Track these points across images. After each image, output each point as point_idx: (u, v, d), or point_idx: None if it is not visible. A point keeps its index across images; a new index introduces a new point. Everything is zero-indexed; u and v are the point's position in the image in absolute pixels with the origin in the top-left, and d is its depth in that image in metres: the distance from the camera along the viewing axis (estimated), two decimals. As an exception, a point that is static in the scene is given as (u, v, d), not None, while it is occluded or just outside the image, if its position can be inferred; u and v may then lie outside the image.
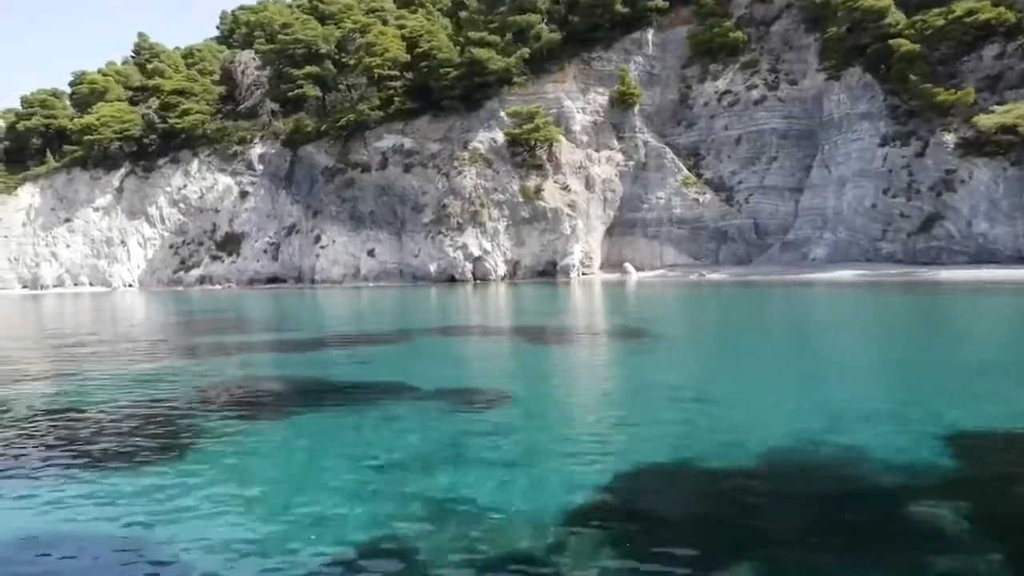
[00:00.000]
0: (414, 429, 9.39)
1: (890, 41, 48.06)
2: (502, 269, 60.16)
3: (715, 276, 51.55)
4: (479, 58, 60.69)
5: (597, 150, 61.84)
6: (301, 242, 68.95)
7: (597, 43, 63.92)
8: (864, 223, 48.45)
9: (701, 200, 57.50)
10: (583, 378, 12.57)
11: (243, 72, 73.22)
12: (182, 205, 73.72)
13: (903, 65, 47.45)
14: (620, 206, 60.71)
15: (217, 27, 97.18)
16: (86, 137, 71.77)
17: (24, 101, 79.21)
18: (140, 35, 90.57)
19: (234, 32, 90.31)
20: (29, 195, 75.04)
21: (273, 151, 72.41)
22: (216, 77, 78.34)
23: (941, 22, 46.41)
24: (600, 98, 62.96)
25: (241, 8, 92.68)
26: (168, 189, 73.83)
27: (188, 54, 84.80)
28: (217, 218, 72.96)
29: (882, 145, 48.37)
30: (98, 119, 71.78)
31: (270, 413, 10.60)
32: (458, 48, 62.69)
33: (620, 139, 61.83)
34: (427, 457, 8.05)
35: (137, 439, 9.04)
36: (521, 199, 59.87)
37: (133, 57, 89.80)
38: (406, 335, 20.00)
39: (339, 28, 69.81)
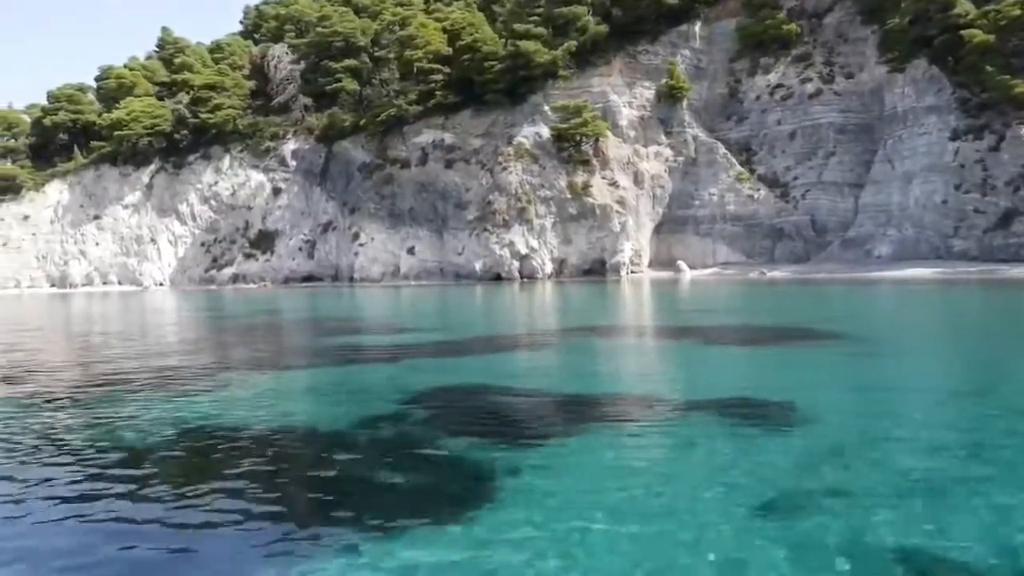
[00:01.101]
0: (743, 453, 7.88)
1: (961, 32, 46.63)
2: (549, 267, 58.74)
3: (776, 274, 50.16)
4: (525, 51, 59.26)
5: (645, 145, 60.40)
6: (338, 240, 67.50)
7: (643, 36, 62.56)
8: (934, 219, 47.01)
9: (755, 196, 56.07)
10: (848, 386, 11.12)
11: (276, 66, 71.71)
12: (213, 202, 72.25)
13: (976, 57, 46.03)
14: (669, 203, 59.29)
15: (241, 22, 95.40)
16: (116, 132, 70.30)
17: (50, 96, 77.68)
18: (164, 29, 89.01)
19: (259, 27, 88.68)
20: (57, 192, 73.55)
21: (307, 147, 70.98)
22: (246, 72, 76.89)
23: (1017, 12, 44.97)
24: (646, 92, 61.51)
25: (266, 2, 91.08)
26: (199, 186, 72.38)
27: (215, 48, 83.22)
28: (250, 215, 71.50)
29: (953, 139, 46.94)
30: (128, 114, 70.31)
31: (543, 433, 9.01)
32: (502, 41, 61.16)
33: (668, 134, 60.40)
34: (818, 491, 6.52)
35: (397, 482, 7.00)
36: (568, 195, 58.43)
37: (157, 52, 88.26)
38: (560, 334, 18.54)
39: (377, 21, 68.32)
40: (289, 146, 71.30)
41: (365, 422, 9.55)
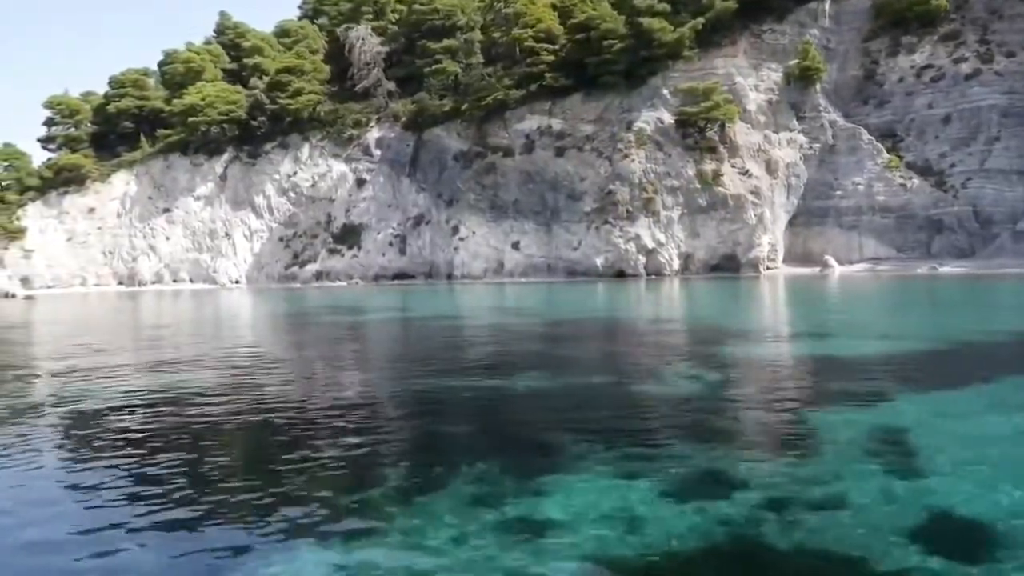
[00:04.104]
0: None
1: None
2: (676, 263, 54.16)
3: (949, 270, 45.51)
4: (648, 29, 54.65)
5: (775, 131, 55.84)
6: (433, 234, 62.75)
7: (768, 14, 57.99)
8: None
9: (908, 186, 51.50)
10: None
11: (361, 48, 66.93)
12: (292, 194, 67.52)
13: None
14: (804, 193, 54.76)
15: (300, 7, 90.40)
16: (190, 119, 65.48)
17: (114, 81, 72.85)
18: (222, 14, 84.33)
19: (320, 12, 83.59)
20: (123, 183, 68.70)
21: (392, 135, 66.32)
22: (320, 56, 72.15)
23: None
24: (773, 75, 56.98)
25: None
26: (276, 177, 67.62)
27: (281, 32, 78.55)
28: (331, 208, 66.78)
29: None
30: (202, 99, 65.53)
31: None
32: (621, 18, 56.47)
33: (800, 119, 55.85)
34: None
35: None
36: (698, 185, 53.84)
37: (215, 37, 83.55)
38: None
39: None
40: (373, 134, 66.62)
41: None
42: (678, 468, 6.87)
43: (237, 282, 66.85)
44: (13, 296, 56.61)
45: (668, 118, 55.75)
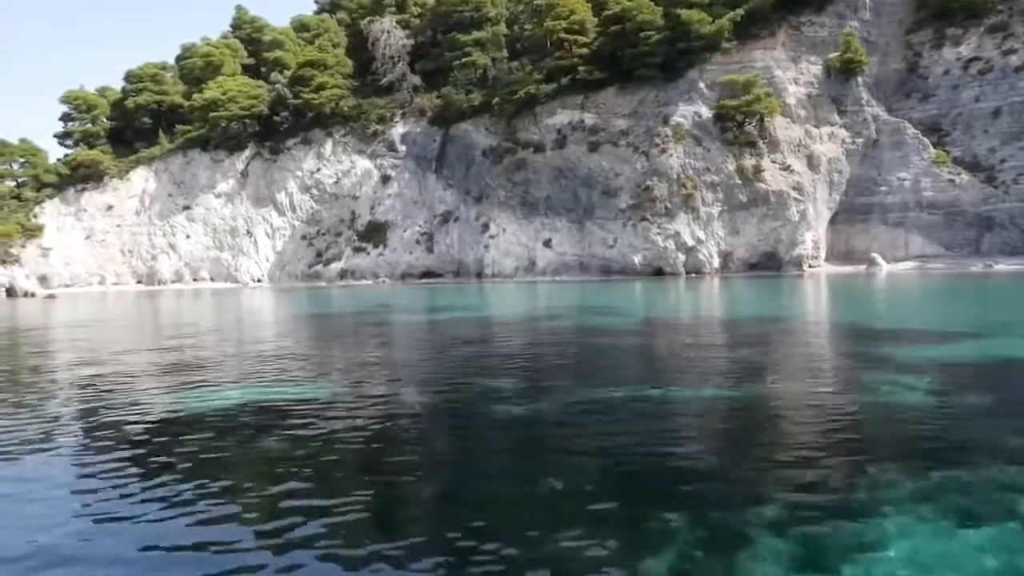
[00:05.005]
0: None
1: None
2: (716, 261, 52.71)
3: (1004, 268, 44.04)
4: (687, 20, 53.20)
5: (816, 126, 54.37)
6: (461, 232, 61.23)
7: (807, 6, 56.55)
8: None
9: (956, 181, 50.02)
10: None
11: (386, 42, 65.38)
12: (315, 191, 66.01)
13: None
14: (846, 189, 53.31)
15: (316, 1, 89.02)
16: (211, 114, 63.95)
17: (131, 76, 71.33)
18: (239, 8, 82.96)
19: (339, 6, 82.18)
20: (142, 179, 67.18)
21: (418, 130, 64.82)
22: (341, 50, 70.62)
23: None
24: (813, 68, 55.52)
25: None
26: (299, 173, 66.11)
27: (301, 27, 77.08)
28: (356, 205, 65.26)
29: None
30: (224, 93, 64.00)
31: None
32: (659, 9, 55.01)
33: (842, 113, 54.39)
34: None
35: None
36: (738, 181, 52.38)
37: (232, 32, 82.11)
38: None
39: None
40: (398, 129, 65.12)
41: None
42: (1015, 501, 5.40)
43: (259, 281, 65.38)
44: (33, 295, 55.14)
45: (706, 112, 54.35)
